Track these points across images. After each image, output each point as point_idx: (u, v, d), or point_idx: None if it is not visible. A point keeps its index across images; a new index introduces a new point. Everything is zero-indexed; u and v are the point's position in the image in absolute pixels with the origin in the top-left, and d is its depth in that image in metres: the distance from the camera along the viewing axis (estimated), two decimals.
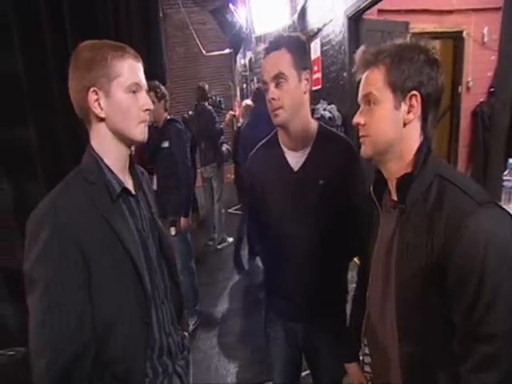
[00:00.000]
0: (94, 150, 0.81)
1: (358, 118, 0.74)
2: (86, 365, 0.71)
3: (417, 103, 0.68)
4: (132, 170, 0.91)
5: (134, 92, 0.80)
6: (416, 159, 0.70)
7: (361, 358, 0.96)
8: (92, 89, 0.76)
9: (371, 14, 2.93)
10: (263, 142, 1.17)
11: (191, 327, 2.53)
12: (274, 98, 0.96)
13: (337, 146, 1.04)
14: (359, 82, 0.76)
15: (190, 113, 3.86)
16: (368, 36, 2.84)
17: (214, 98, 3.92)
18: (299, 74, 0.96)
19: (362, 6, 2.52)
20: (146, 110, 0.82)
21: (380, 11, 3.13)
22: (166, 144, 2.33)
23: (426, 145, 0.71)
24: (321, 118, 2.96)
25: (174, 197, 2.38)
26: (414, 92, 0.68)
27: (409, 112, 0.69)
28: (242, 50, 5.98)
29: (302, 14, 3.67)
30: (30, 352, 0.68)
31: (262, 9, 3.68)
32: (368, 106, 0.72)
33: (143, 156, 2.46)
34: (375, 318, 0.83)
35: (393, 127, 0.71)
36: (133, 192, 0.88)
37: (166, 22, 5.76)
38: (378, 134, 0.72)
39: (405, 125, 0.70)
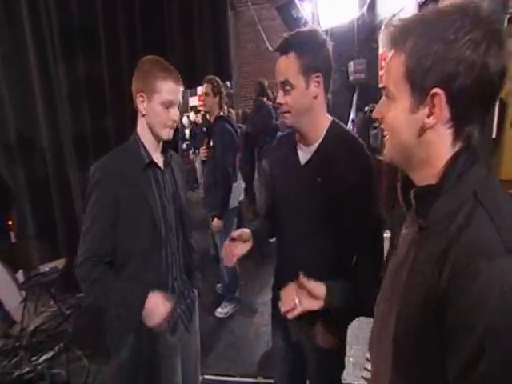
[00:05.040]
0: (137, 132, 1.16)
1: (376, 112, 0.63)
2: (103, 264, 1.07)
3: (440, 104, 0.52)
4: (164, 151, 1.21)
5: (167, 107, 1.08)
6: (446, 171, 0.55)
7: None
8: (140, 93, 1.09)
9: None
10: (283, 133, 1.22)
11: (229, 312, 2.67)
12: (281, 104, 1.00)
13: (344, 147, 0.98)
14: None
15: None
16: None
17: (274, 93, 3.95)
18: (307, 80, 0.95)
19: None
20: (173, 120, 1.12)
21: None
22: (211, 142, 2.43)
23: (465, 155, 0.54)
24: None
25: (211, 195, 2.47)
26: (436, 90, 0.51)
27: (430, 115, 0.54)
28: None
29: (372, 4, 3.45)
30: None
31: (330, 2, 3.56)
32: (387, 99, 0.60)
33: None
34: (376, 334, 0.73)
35: (408, 132, 0.57)
36: (161, 166, 1.18)
37: (237, 20, 5.98)
38: (393, 135, 0.60)
39: (424, 130, 0.55)
